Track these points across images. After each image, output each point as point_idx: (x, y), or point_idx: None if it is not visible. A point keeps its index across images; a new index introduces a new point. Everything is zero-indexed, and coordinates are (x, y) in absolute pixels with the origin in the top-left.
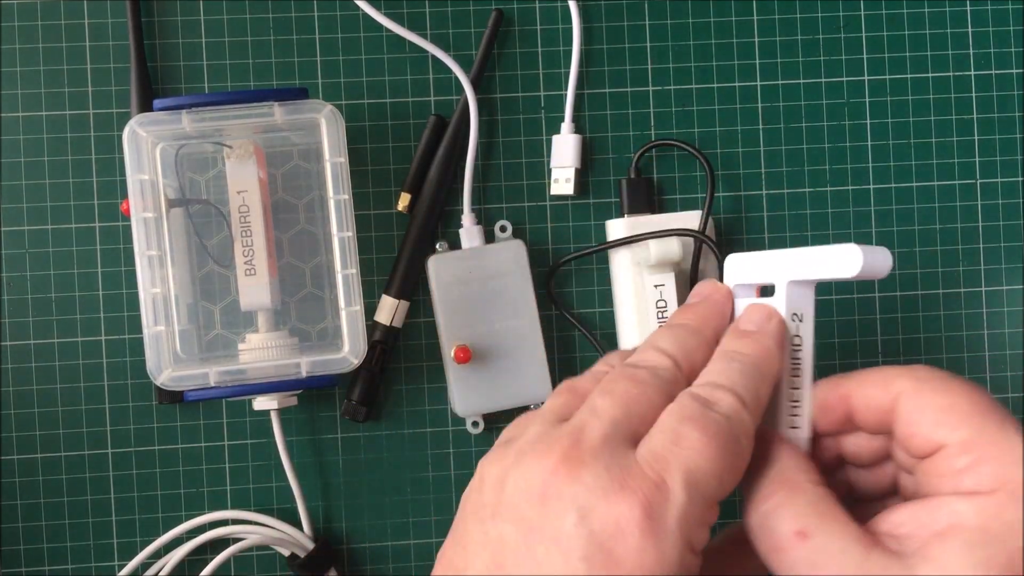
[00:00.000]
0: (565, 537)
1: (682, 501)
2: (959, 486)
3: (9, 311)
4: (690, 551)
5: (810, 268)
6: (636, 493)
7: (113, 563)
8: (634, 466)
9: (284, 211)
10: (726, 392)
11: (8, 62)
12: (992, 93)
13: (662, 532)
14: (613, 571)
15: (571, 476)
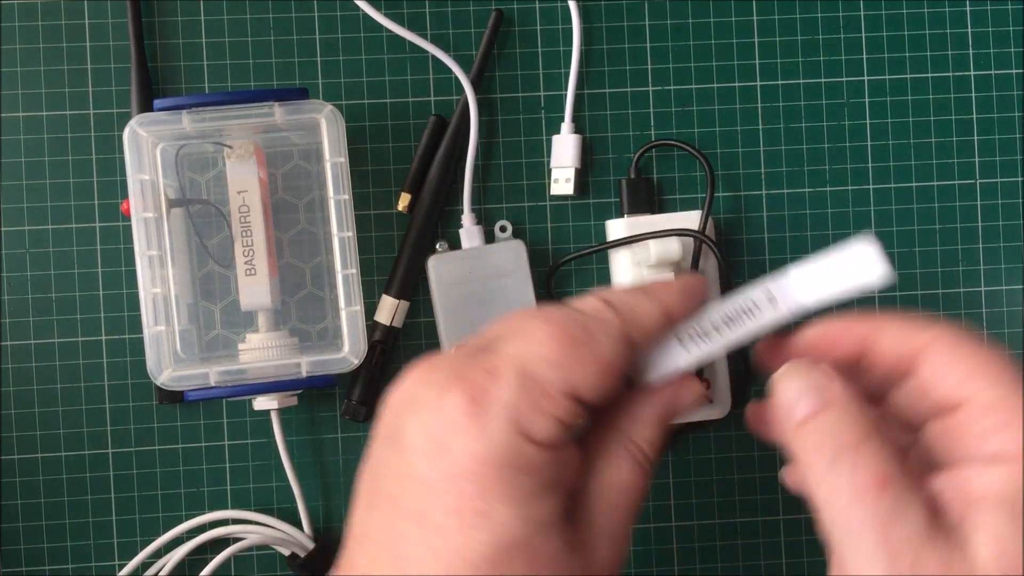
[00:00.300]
0: (408, 438)
1: (510, 385)
2: (982, 448)
3: (9, 311)
4: (525, 438)
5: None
6: (466, 387)
7: (113, 563)
8: (474, 364)
9: (284, 211)
10: (593, 298)
11: (8, 62)
12: (992, 93)
13: (486, 417)
14: (444, 460)
15: (422, 383)
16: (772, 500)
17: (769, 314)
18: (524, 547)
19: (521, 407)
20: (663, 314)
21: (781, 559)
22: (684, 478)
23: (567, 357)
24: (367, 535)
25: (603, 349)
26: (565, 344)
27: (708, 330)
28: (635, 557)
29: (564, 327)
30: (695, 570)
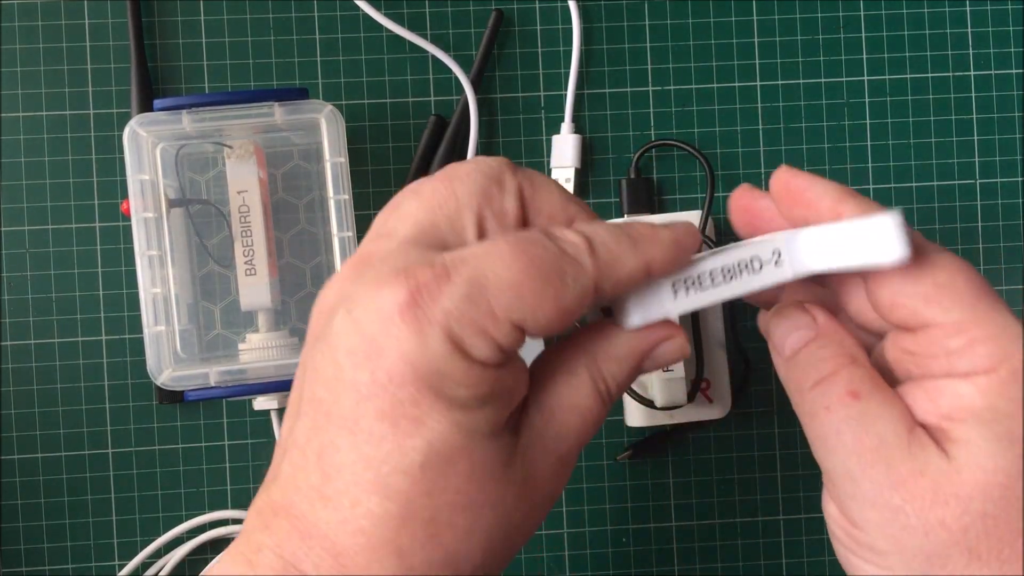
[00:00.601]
0: (334, 334)
1: (457, 294)
2: (952, 368)
3: (9, 311)
4: (458, 352)
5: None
6: (409, 279)
7: (113, 563)
8: (426, 263)
9: (284, 211)
10: (579, 235)
11: (8, 62)
12: (992, 93)
13: (424, 320)
14: (376, 361)
15: (356, 277)
16: (772, 500)
17: (771, 274)
18: (460, 456)
19: (462, 320)
20: (644, 270)
21: (781, 559)
22: (684, 478)
23: (527, 288)
24: (294, 443)
25: (568, 296)
26: (531, 277)
27: (704, 281)
28: (635, 557)
29: (537, 260)
30: (695, 570)
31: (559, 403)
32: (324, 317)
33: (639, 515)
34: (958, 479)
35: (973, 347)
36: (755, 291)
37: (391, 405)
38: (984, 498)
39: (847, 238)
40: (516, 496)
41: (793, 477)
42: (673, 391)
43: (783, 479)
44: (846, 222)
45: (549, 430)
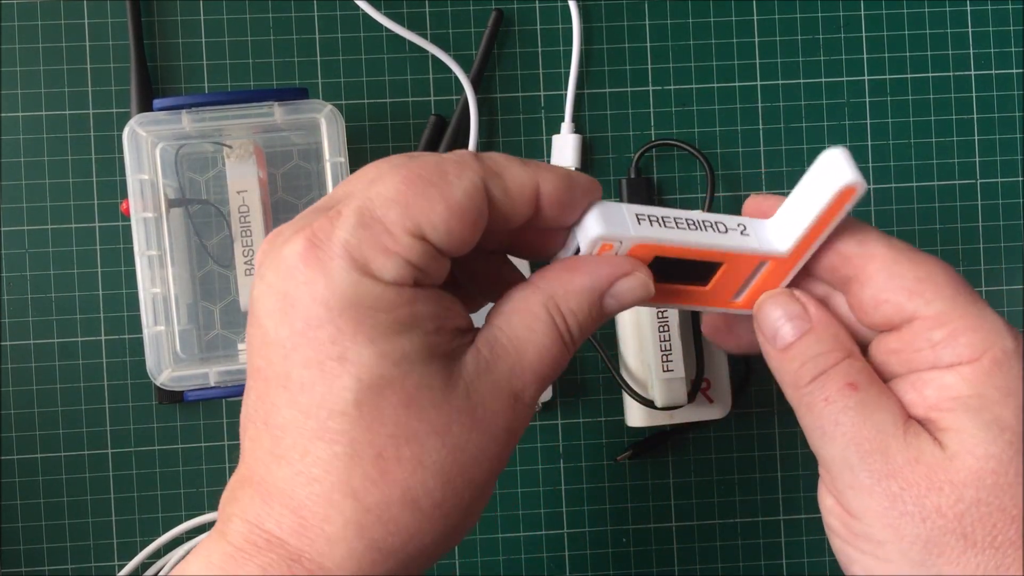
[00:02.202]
0: (254, 301)
1: (349, 223)
2: (937, 359)
3: (9, 311)
4: (368, 277)
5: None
6: (306, 230)
7: (113, 563)
8: (319, 212)
9: (284, 211)
10: (467, 151)
11: (8, 62)
12: (992, 93)
13: (325, 257)
14: (291, 312)
15: (269, 245)
16: (772, 500)
17: (735, 239)
18: (391, 384)
19: (362, 245)
20: (533, 186)
21: (781, 559)
22: (684, 478)
23: (412, 195)
24: (247, 417)
25: (453, 191)
26: (411, 183)
27: (668, 222)
28: (635, 557)
29: (414, 168)
30: (695, 570)
31: (513, 337)
32: (252, 299)
33: (639, 515)
34: (951, 466)
35: (956, 338)
36: (716, 249)
37: (314, 350)
38: (977, 485)
39: (802, 194)
40: (464, 426)
41: (793, 477)
42: (673, 391)
43: (783, 479)
44: (800, 185)
45: (501, 363)
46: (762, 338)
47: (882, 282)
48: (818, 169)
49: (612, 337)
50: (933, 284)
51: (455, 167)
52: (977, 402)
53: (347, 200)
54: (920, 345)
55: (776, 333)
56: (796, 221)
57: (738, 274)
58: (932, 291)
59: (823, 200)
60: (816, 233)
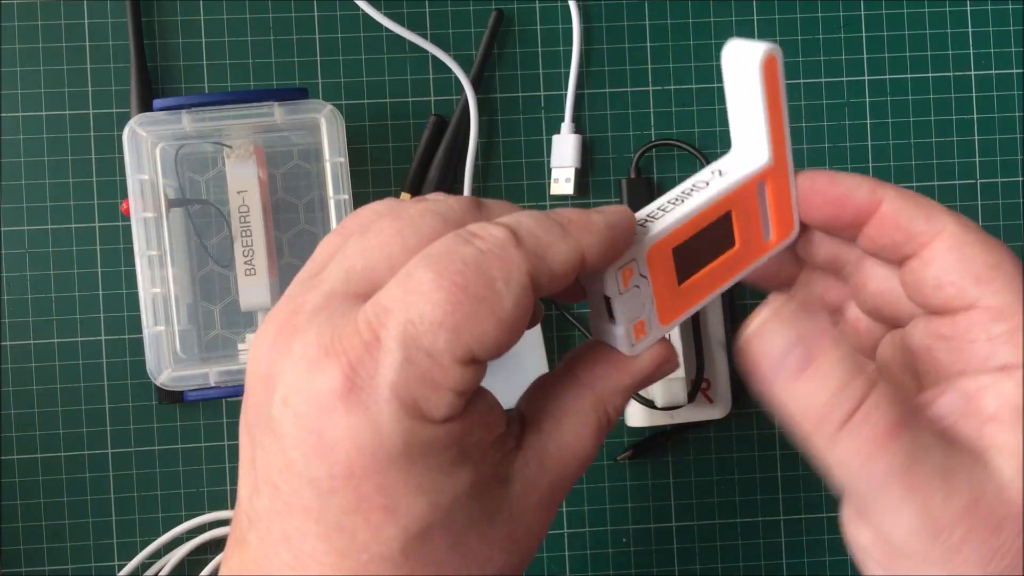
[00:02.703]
0: (277, 423)
1: (395, 361)
2: (989, 358)
3: (9, 311)
4: (421, 419)
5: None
6: (339, 358)
7: (113, 563)
8: (349, 326)
9: (284, 211)
10: (500, 227)
11: (8, 62)
12: (992, 93)
13: (372, 402)
14: (329, 456)
15: (284, 349)
16: (772, 500)
17: (720, 183)
18: (440, 528)
19: (410, 386)
20: (579, 257)
21: (781, 559)
22: (684, 478)
23: (461, 317)
24: (257, 517)
25: (505, 304)
26: (460, 302)
27: (657, 212)
28: (635, 557)
29: (459, 277)
30: (695, 571)
31: (562, 444)
32: (260, 386)
33: (639, 515)
34: (1008, 496)
35: (1017, 335)
36: (713, 201)
37: (356, 499)
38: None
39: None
40: (505, 551)
41: (793, 477)
42: (673, 391)
43: (783, 479)
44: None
45: (546, 477)
46: (761, 377)
47: (949, 263)
48: (731, 71)
49: None
50: (1004, 274)
51: (500, 268)
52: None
53: (381, 319)
54: (976, 335)
55: (779, 367)
56: (753, 128)
57: (751, 214)
58: (1001, 281)
59: (757, 89)
60: (777, 123)
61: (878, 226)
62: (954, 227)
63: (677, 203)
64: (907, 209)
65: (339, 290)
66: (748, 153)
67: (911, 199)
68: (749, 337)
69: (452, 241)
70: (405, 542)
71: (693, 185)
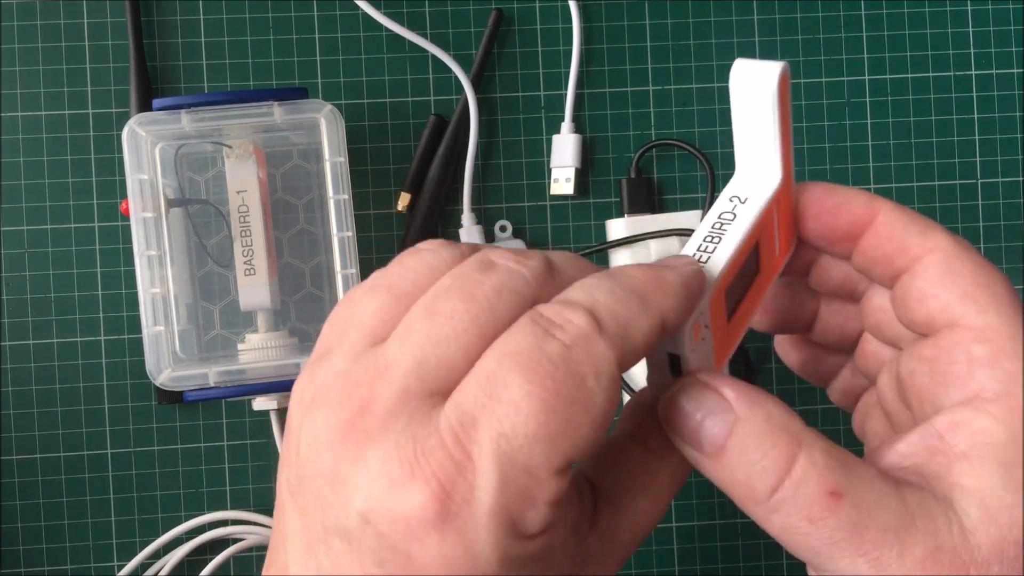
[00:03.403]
0: (354, 536)
1: (492, 484)
2: (969, 378)
3: (9, 311)
4: (519, 538)
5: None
6: (429, 482)
7: (113, 563)
8: (432, 438)
9: (284, 211)
10: (579, 311)
11: (8, 62)
12: (993, 93)
13: (468, 528)
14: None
15: (357, 455)
16: None
17: (746, 211)
18: None
19: (508, 507)
20: (660, 328)
21: (782, 559)
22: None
23: (556, 425)
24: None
25: (598, 401)
26: (554, 409)
27: (703, 256)
28: (636, 557)
29: (550, 381)
30: (696, 571)
31: (633, 523)
32: (326, 484)
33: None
34: (974, 542)
35: (997, 360)
36: (747, 234)
37: None
38: (1002, 560)
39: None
40: None
41: None
42: None
43: None
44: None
45: (618, 553)
46: (686, 448)
47: (936, 276)
48: (741, 90)
49: None
50: (991, 293)
51: (588, 362)
52: (1010, 453)
53: (471, 436)
54: (957, 357)
55: (700, 437)
56: (766, 147)
57: (769, 236)
58: (987, 300)
59: (772, 109)
60: (787, 140)
61: (873, 237)
62: (948, 244)
63: (715, 241)
64: (902, 222)
65: (413, 387)
66: (760, 173)
67: (907, 213)
68: (662, 415)
69: (533, 334)
70: None
71: (719, 217)
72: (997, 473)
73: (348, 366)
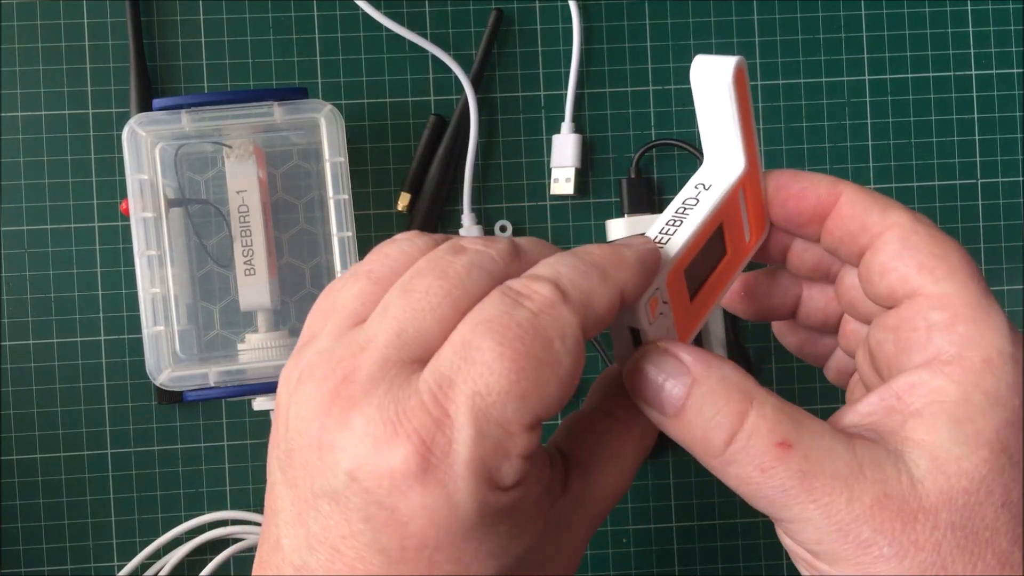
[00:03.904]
0: (342, 496)
1: (469, 437)
2: (929, 342)
3: (9, 311)
4: (495, 489)
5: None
6: (411, 438)
7: (113, 563)
8: (412, 398)
9: (284, 211)
10: (544, 283)
11: (8, 62)
12: (993, 93)
13: (448, 479)
14: (402, 530)
15: (342, 421)
16: None
17: (709, 196)
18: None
19: (484, 459)
20: (619, 298)
21: (782, 559)
22: (685, 478)
23: (527, 383)
24: (313, 573)
25: (565, 363)
26: (524, 368)
27: (662, 238)
28: (636, 558)
29: (519, 343)
30: (696, 571)
31: (604, 488)
32: (313, 452)
33: (639, 516)
34: (922, 491)
35: (953, 325)
36: (709, 217)
37: (428, 567)
38: (950, 508)
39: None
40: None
41: None
42: None
43: None
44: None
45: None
46: (648, 410)
47: (895, 250)
48: (700, 85)
49: None
50: (947, 264)
51: (554, 327)
52: (962, 410)
53: (448, 395)
54: (917, 324)
55: (661, 399)
56: (727, 137)
57: (736, 220)
58: (944, 270)
59: (730, 101)
60: (748, 130)
61: (837, 218)
62: (906, 220)
63: (676, 224)
64: (864, 202)
65: (393, 356)
66: (724, 162)
67: (869, 194)
68: (626, 380)
69: (503, 303)
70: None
71: (683, 203)
72: (947, 428)
73: (331, 345)
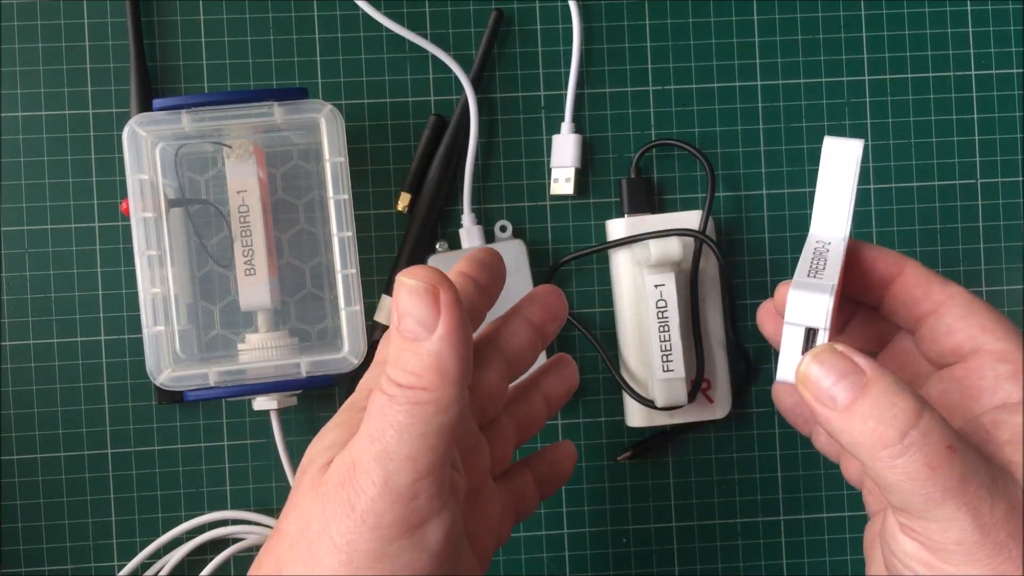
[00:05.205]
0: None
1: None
2: (998, 390)
3: (9, 311)
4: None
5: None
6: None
7: (113, 563)
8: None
9: (284, 211)
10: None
11: (8, 62)
12: (993, 93)
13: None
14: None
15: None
16: (772, 500)
17: (834, 253)
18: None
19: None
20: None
21: (782, 559)
22: (684, 478)
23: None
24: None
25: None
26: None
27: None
28: (636, 558)
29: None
30: (696, 571)
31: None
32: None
33: (639, 516)
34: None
35: (1017, 375)
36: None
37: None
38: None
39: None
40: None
41: (794, 478)
42: (673, 391)
43: (784, 480)
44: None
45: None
46: (816, 405)
47: (960, 314)
48: (830, 159)
49: (612, 337)
50: (1004, 327)
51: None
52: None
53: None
54: (985, 374)
55: (834, 394)
56: (838, 205)
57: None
58: (1003, 331)
59: (852, 175)
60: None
61: (903, 285)
62: (964, 291)
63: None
64: (926, 275)
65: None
66: (828, 224)
67: (930, 269)
68: (799, 378)
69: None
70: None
71: (814, 250)
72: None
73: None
